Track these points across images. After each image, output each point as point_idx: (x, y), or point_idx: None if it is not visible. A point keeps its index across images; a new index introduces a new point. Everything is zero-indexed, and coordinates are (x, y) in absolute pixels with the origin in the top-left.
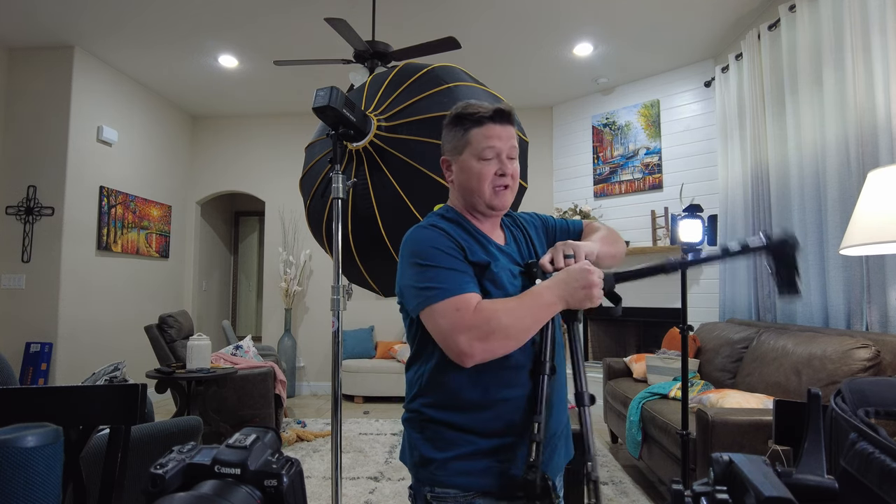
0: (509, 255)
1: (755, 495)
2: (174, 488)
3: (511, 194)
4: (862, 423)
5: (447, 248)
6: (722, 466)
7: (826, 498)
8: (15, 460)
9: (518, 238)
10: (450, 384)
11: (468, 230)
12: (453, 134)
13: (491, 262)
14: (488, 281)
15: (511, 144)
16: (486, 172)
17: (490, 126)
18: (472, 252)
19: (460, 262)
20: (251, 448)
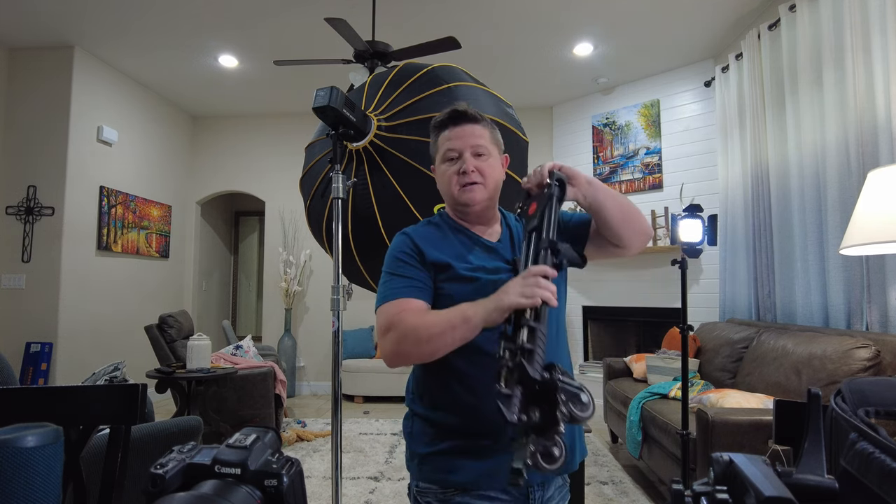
0: (496, 253)
1: (755, 495)
2: (174, 488)
3: (482, 190)
4: (862, 423)
5: (402, 254)
6: (722, 466)
7: (826, 498)
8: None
9: (518, 237)
10: (431, 383)
11: (452, 230)
12: (431, 144)
13: (451, 261)
14: (451, 279)
15: (474, 142)
16: (449, 173)
17: (450, 129)
18: (434, 252)
19: (411, 267)
20: (251, 448)
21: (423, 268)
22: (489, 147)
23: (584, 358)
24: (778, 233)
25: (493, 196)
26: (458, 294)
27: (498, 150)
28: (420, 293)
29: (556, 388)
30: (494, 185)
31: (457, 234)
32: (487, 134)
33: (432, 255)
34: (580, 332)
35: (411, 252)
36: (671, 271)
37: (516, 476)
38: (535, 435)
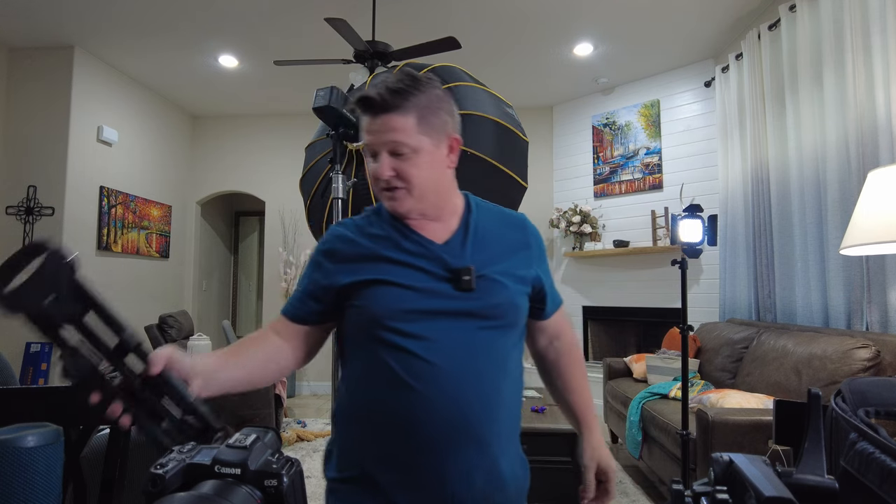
0: (436, 257)
1: (755, 495)
2: (174, 488)
3: (406, 198)
4: (862, 423)
5: (312, 257)
6: (722, 466)
7: (826, 498)
8: (15, 460)
9: (480, 239)
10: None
11: (390, 222)
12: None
13: (359, 261)
14: (370, 285)
15: (390, 139)
16: (369, 172)
17: (365, 118)
18: (349, 252)
19: (312, 272)
20: (251, 448)
21: (326, 277)
22: (414, 141)
23: (584, 358)
24: (778, 233)
25: (430, 198)
26: (376, 305)
27: (434, 137)
28: (304, 305)
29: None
30: (425, 187)
31: (392, 230)
32: (412, 123)
33: (344, 256)
34: (580, 332)
35: (318, 256)
36: (671, 271)
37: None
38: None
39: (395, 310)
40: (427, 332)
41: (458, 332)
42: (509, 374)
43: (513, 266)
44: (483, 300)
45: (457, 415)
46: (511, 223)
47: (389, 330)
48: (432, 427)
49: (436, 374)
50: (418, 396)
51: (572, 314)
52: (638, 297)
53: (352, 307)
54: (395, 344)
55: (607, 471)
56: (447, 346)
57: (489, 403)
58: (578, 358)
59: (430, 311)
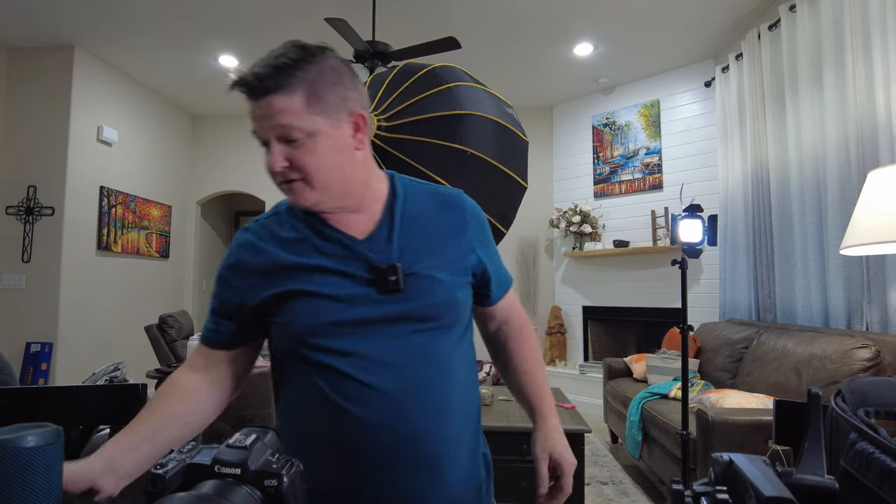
0: (357, 256)
1: (755, 495)
2: (174, 488)
3: (306, 190)
4: (862, 423)
5: (218, 272)
6: (722, 466)
7: (826, 498)
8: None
9: (409, 228)
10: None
11: (303, 218)
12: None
13: (271, 273)
14: (286, 298)
15: (276, 123)
16: (265, 165)
17: (250, 102)
18: (258, 263)
19: (221, 290)
20: (251, 448)
21: (236, 295)
22: (307, 124)
23: (584, 358)
24: (778, 233)
25: (336, 187)
26: (296, 321)
27: (332, 117)
28: (223, 327)
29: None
30: (327, 176)
31: (307, 228)
32: (299, 103)
33: (257, 274)
34: (580, 332)
35: (226, 271)
36: (671, 271)
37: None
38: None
39: (316, 324)
40: (356, 346)
41: (392, 341)
42: (456, 379)
43: (449, 255)
44: (415, 301)
45: (401, 437)
46: (446, 203)
47: (314, 348)
48: (376, 453)
49: (372, 394)
50: (356, 421)
51: (572, 314)
52: (638, 297)
53: (273, 324)
54: (324, 363)
55: (561, 463)
56: (381, 360)
57: (436, 418)
58: (528, 339)
59: (357, 321)
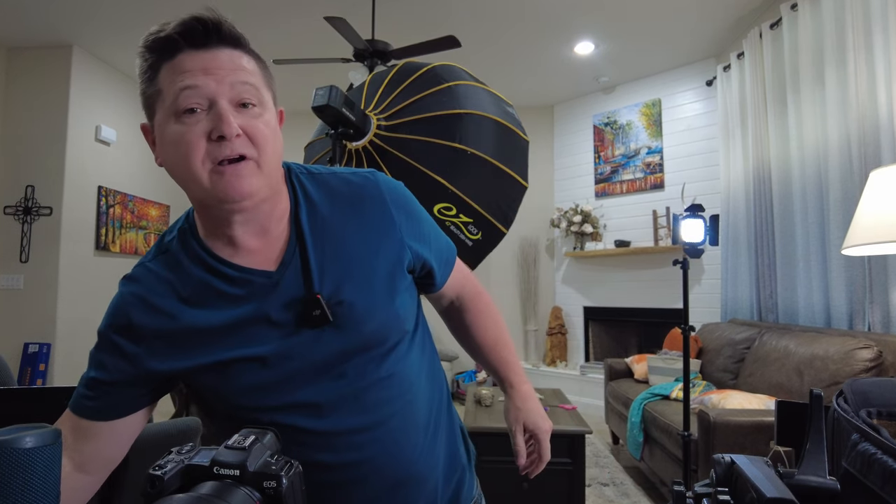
0: (272, 297)
1: (757, 496)
2: (173, 490)
3: (255, 173)
4: (864, 424)
5: (103, 334)
6: (724, 467)
7: (828, 499)
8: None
9: (323, 242)
10: None
11: (196, 262)
12: (143, 81)
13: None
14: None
15: (237, 79)
16: (189, 138)
17: (185, 55)
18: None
19: (110, 357)
20: (250, 449)
21: (132, 366)
22: (262, 92)
23: (584, 359)
24: (780, 233)
25: (273, 179)
26: (224, 392)
27: (273, 98)
28: (100, 403)
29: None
30: (273, 162)
31: (203, 271)
32: (256, 67)
33: (156, 339)
34: (581, 333)
35: (120, 331)
36: (672, 271)
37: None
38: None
39: (250, 390)
40: (302, 397)
41: (339, 380)
42: (419, 390)
43: (380, 265)
44: (351, 331)
45: (377, 470)
46: (361, 197)
47: (254, 409)
48: (346, 491)
49: (337, 440)
50: (325, 468)
51: (573, 314)
52: (639, 297)
53: (195, 388)
54: (266, 421)
55: (536, 431)
56: (335, 402)
57: (411, 436)
58: (485, 307)
59: (295, 375)
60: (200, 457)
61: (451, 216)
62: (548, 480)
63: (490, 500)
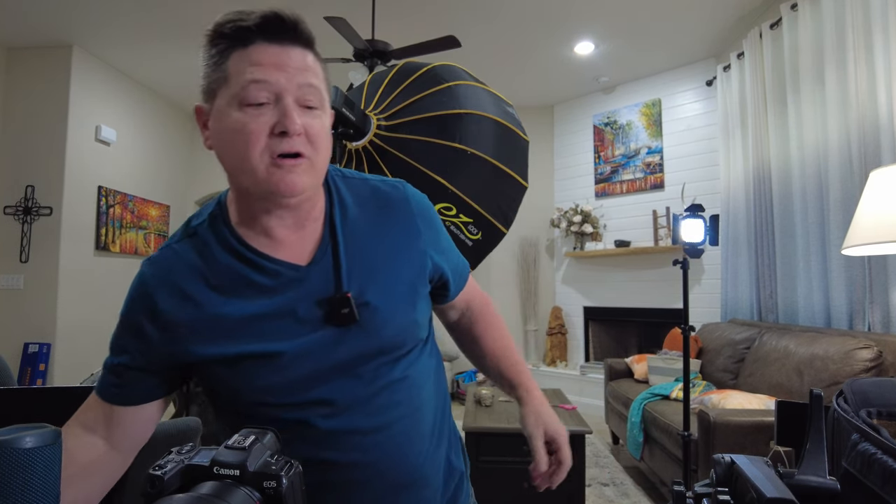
0: (302, 290)
1: (757, 496)
2: (173, 489)
3: (308, 171)
4: (864, 424)
5: (125, 317)
6: (724, 467)
7: (828, 499)
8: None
9: (354, 245)
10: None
11: (228, 251)
12: (207, 67)
13: (197, 326)
14: (219, 363)
15: (304, 80)
16: (254, 128)
17: (259, 47)
18: (179, 312)
19: (132, 340)
20: (250, 449)
21: (155, 350)
22: (323, 95)
23: (584, 359)
24: (780, 233)
25: (320, 180)
26: (241, 386)
27: (327, 99)
28: (123, 388)
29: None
30: (324, 163)
31: (234, 259)
32: (322, 71)
33: (179, 325)
34: (581, 333)
35: (145, 315)
36: (672, 271)
37: None
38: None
39: (269, 386)
40: (318, 395)
41: (356, 381)
42: (426, 396)
43: (404, 272)
44: (373, 334)
45: (381, 473)
46: (389, 205)
47: (270, 405)
48: (348, 491)
49: (347, 440)
50: (333, 466)
51: (573, 314)
52: (639, 297)
53: (206, 380)
54: (282, 418)
55: (556, 437)
56: (349, 402)
57: (416, 441)
58: (493, 319)
59: (315, 372)
60: (200, 457)
61: (451, 216)
62: None
63: (490, 500)
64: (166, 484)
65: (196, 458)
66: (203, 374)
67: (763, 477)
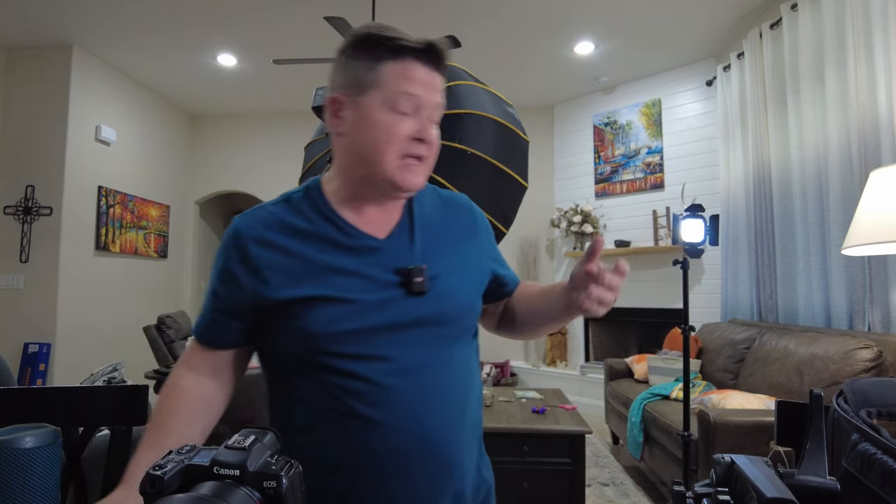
0: (381, 256)
1: (757, 496)
2: (173, 489)
3: (425, 173)
4: (864, 424)
5: (220, 264)
6: (724, 467)
7: (828, 499)
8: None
9: (426, 230)
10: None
11: (321, 217)
12: (356, 63)
13: (286, 270)
14: (305, 303)
15: (438, 101)
16: (397, 130)
17: (413, 65)
18: (270, 258)
19: (224, 284)
20: (250, 449)
21: (244, 292)
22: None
23: (584, 359)
24: (780, 233)
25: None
26: (316, 326)
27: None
28: (214, 332)
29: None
30: (433, 168)
31: (324, 222)
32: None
33: (269, 270)
34: (581, 333)
35: (235, 267)
36: (672, 271)
37: None
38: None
39: (339, 331)
40: (380, 350)
41: (415, 345)
42: (472, 384)
43: (466, 260)
44: (437, 305)
45: (419, 441)
46: (456, 206)
47: (335, 355)
48: (393, 457)
49: (396, 399)
50: (377, 427)
51: None
52: (639, 297)
53: (281, 327)
54: (343, 370)
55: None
56: (405, 364)
57: (455, 422)
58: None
59: (381, 326)
60: (200, 457)
61: None
62: (548, 480)
63: None
64: (166, 484)
65: (196, 458)
66: (280, 321)
67: (763, 477)
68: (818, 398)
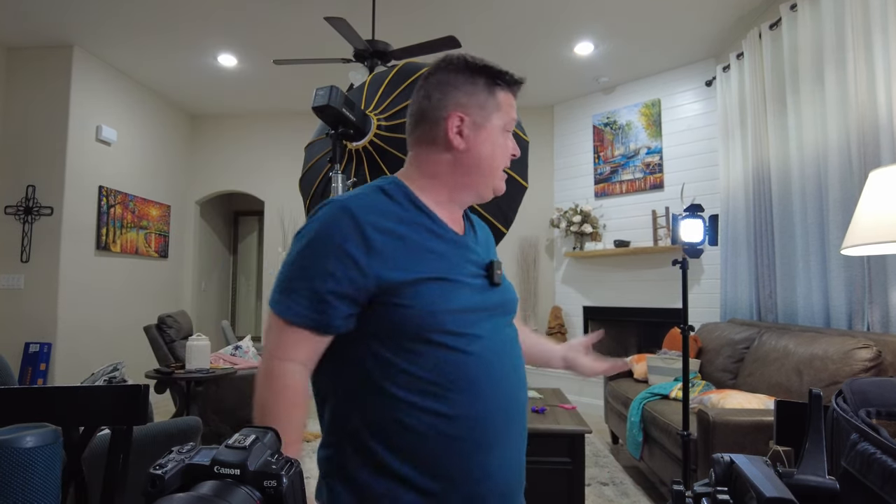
0: (467, 250)
1: (756, 496)
2: (173, 489)
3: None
4: (863, 424)
5: (340, 248)
6: (723, 467)
7: (827, 498)
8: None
9: (476, 231)
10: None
11: (414, 207)
12: (475, 88)
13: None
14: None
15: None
16: (508, 149)
17: (509, 93)
18: (388, 243)
19: (345, 269)
20: (250, 448)
21: (363, 277)
22: None
23: None
24: (779, 233)
25: None
26: (432, 304)
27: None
28: (329, 317)
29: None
30: None
31: (420, 214)
32: None
33: (388, 252)
34: (581, 333)
35: (353, 249)
36: (672, 271)
37: None
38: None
39: (451, 309)
40: (478, 329)
41: (499, 327)
42: (523, 377)
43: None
44: (506, 295)
45: (515, 409)
46: (481, 216)
47: (444, 332)
48: (496, 428)
49: (491, 372)
50: (476, 398)
51: (573, 314)
52: (639, 297)
53: (392, 306)
54: (449, 345)
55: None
56: (495, 342)
57: (524, 395)
58: (526, 331)
59: (480, 308)
60: (201, 456)
61: None
62: (547, 480)
63: None
64: (167, 483)
65: (196, 458)
66: (393, 301)
67: (762, 476)
68: (817, 398)
